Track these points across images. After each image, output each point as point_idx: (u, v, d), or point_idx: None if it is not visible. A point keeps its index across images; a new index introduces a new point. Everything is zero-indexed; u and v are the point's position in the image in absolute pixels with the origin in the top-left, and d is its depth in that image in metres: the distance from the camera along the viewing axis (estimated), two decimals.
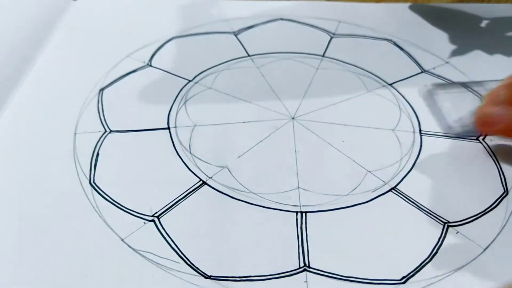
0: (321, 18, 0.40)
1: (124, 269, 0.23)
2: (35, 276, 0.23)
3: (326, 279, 0.23)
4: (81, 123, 0.30)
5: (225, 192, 0.27)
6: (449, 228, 0.25)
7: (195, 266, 0.23)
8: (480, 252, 0.24)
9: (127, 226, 0.25)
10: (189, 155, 0.29)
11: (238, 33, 0.38)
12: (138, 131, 0.30)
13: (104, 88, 0.33)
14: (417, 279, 0.23)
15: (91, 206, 0.26)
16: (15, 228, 0.25)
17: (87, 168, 0.28)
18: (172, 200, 0.26)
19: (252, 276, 0.23)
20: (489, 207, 0.26)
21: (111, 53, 0.36)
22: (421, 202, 0.27)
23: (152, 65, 0.35)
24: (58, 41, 0.37)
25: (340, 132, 0.31)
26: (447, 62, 0.36)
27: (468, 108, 0.31)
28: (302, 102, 0.33)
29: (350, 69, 0.35)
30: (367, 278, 0.23)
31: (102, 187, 0.27)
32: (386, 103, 0.33)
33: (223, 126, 0.31)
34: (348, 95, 0.33)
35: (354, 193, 0.27)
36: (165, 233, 0.25)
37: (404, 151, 0.29)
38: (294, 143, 0.30)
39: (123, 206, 0.26)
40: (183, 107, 0.32)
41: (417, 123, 0.31)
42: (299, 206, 0.26)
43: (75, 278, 0.23)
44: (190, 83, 0.34)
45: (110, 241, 0.24)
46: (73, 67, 0.35)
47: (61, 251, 0.24)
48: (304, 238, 0.25)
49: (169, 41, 0.38)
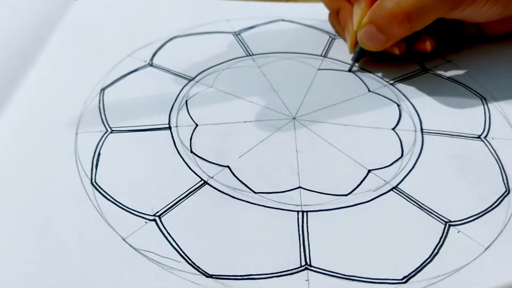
0: (322, 20, 0.40)
1: (125, 269, 0.23)
2: (37, 275, 0.23)
3: (328, 278, 0.23)
4: (82, 123, 0.30)
5: (226, 192, 0.27)
6: (450, 227, 0.25)
7: (196, 265, 0.23)
8: (481, 252, 0.24)
9: (129, 225, 0.25)
10: (190, 155, 0.29)
11: (239, 33, 0.38)
12: (139, 131, 0.30)
13: (105, 88, 0.33)
14: (418, 279, 0.23)
15: (92, 205, 0.26)
16: (16, 227, 0.25)
17: (88, 168, 0.28)
18: (173, 199, 0.26)
19: (253, 275, 0.23)
20: (491, 206, 0.26)
21: (112, 53, 0.36)
22: (423, 201, 0.27)
23: (153, 64, 0.35)
24: (59, 41, 0.37)
25: (341, 131, 0.31)
26: (449, 61, 0.36)
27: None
28: (303, 102, 0.33)
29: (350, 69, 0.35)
30: (368, 277, 0.23)
31: (103, 187, 0.27)
32: (387, 102, 0.33)
33: (224, 125, 0.31)
34: (349, 95, 0.33)
35: (355, 193, 0.27)
36: (166, 232, 0.25)
37: (405, 150, 0.29)
38: (295, 143, 0.30)
39: (124, 205, 0.26)
40: (184, 107, 0.32)
41: (419, 122, 0.31)
42: (300, 205, 0.26)
43: (77, 278, 0.23)
44: (191, 82, 0.34)
45: (111, 240, 0.24)
46: (74, 66, 0.35)
47: (63, 251, 0.24)
48: (306, 237, 0.25)
49: (170, 40, 0.38)
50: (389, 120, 0.31)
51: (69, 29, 0.39)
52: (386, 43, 0.33)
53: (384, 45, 0.33)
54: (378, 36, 0.32)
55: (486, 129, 0.31)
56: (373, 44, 0.33)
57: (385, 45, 0.33)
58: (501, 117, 0.31)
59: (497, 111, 0.32)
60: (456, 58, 0.36)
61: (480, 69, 0.35)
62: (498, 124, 0.31)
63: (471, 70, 0.35)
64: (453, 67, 0.36)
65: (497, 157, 0.29)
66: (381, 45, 0.33)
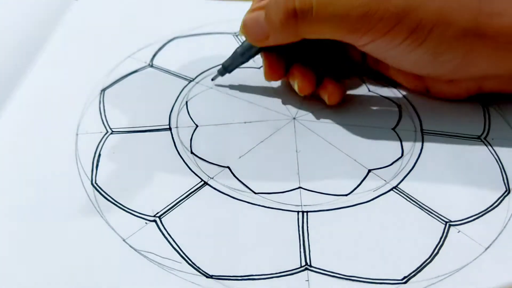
0: None
1: (126, 270, 0.23)
2: (37, 277, 0.23)
3: (328, 278, 0.23)
4: (82, 124, 0.31)
5: (226, 193, 0.27)
6: (450, 227, 0.25)
7: (197, 265, 0.23)
8: (482, 252, 0.24)
9: (129, 226, 0.25)
10: (191, 156, 0.29)
11: (239, 34, 0.38)
12: (140, 132, 0.30)
13: (105, 89, 0.33)
14: (419, 279, 0.23)
15: (93, 206, 0.26)
16: (17, 228, 0.25)
17: (89, 169, 0.28)
18: (173, 200, 0.26)
19: (253, 275, 0.23)
20: (491, 206, 0.26)
21: (112, 53, 0.36)
22: (423, 201, 0.27)
23: (153, 65, 0.36)
24: (59, 41, 0.38)
25: (341, 131, 0.31)
26: None
27: None
28: (303, 102, 0.33)
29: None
30: (368, 278, 0.23)
31: (104, 188, 0.27)
32: (387, 102, 0.33)
33: (225, 126, 0.31)
34: (349, 94, 0.33)
35: (356, 193, 0.27)
36: (166, 233, 0.25)
37: (405, 150, 0.29)
38: (295, 143, 0.30)
39: (125, 206, 0.26)
40: (184, 107, 0.32)
41: (419, 122, 0.31)
42: (301, 206, 0.26)
43: (77, 279, 0.23)
44: (192, 83, 0.34)
45: (112, 241, 0.24)
46: (74, 67, 0.35)
47: (63, 252, 0.24)
48: (306, 238, 0.25)
49: (170, 41, 0.38)
50: (389, 120, 0.31)
51: (69, 29, 0.39)
52: (267, 40, 0.29)
53: (265, 41, 0.29)
54: (262, 27, 0.28)
55: (486, 130, 0.31)
56: (254, 34, 0.29)
57: (266, 42, 0.29)
58: (500, 118, 0.31)
59: (497, 112, 0.32)
60: None
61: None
62: (498, 124, 0.31)
63: None
64: None
65: (497, 157, 0.29)
66: (262, 39, 0.29)
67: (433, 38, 0.26)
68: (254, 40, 0.30)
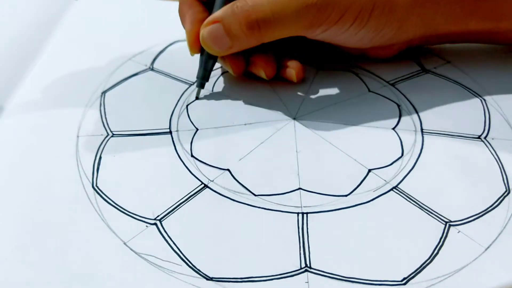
0: None
1: (126, 272, 0.23)
2: (38, 279, 0.23)
3: (327, 280, 0.23)
4: (83, 126, 0.31)
5: (226, 195, 0.27)
6: (450, 228, 0.25)
7: (197, 268, 0.24)
8: (481, 252, 0.24)
9: (130, 229, 0.25)
10: (191, 159, 0.29)
11: None
12: (140, 135, 0.30)
13: (106, 91, 0.33)
14: (418, 280, 0.23)
15: (93, 209, 0.26)
16: (18, 231, 0.25)
17: (89, 172, 0.28)
18: (174, 203, 0.26)
19: (253, 277, 0.23)
20: (491, 206, 0.26)
21: (113, 56, 0.36)
22: (423, 201, 0.27)
23: (154, 68, 0.36)
24: (59, 42, 0.38)
25: (342, 131, 0.31)
26: (449, 62, 0.36)
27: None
28: (303, 103, 0.33)
29: (351, 69, 0.36)
30: (368, 279, 0.23)
31: (104, 191, 0.27)
32: (387, 102, 0.33)
33: (225, 129, 0.31)
34: (349, 95, 0.33)
35: (356, 193, 0.27)
36: (167, 236, 0.25)
37: (405, 150, 0.29)
38: (296, 144, 0.30)
39: (125, 209, 0.26)
40: (185, 111, 0.32)
41: (419, 122, 0.31)
42: (300, 207, 0.26)
43: (78, 282, 0.23)
44: (192, 86, 0.34)
45: (112, 244, 0.24)
46: (75, 69, 0.35)
47: (64, 255, 0.24)
48: (306, 239, 0.25)
49: (171, 44, 0.38)
50: (389, 120, 0.31)
51: (69, 30, 0.39)
52: (231, 49, 0.30)
53: (228, 50, 0.30)
54: (223, 39, 0.30)
55: (486, 130, 0.31)
56: (217, 46, 0.30)
57: (229, 51, 0.30)
58: (500, 118, 0.31)
59: (497, 112, 0.32)
60: (456, 59, 0.36)
61: (480, 69, 0.35)
62: (498, 124, 0.31)
63: (471, 71, 0.35)
64: (453, 67, 0.35)
65: (497, 157, 0.29)
66: (225, 49, 0.30)
67: (374, 18, 0.30)
68: (217, 52, 0.31)
